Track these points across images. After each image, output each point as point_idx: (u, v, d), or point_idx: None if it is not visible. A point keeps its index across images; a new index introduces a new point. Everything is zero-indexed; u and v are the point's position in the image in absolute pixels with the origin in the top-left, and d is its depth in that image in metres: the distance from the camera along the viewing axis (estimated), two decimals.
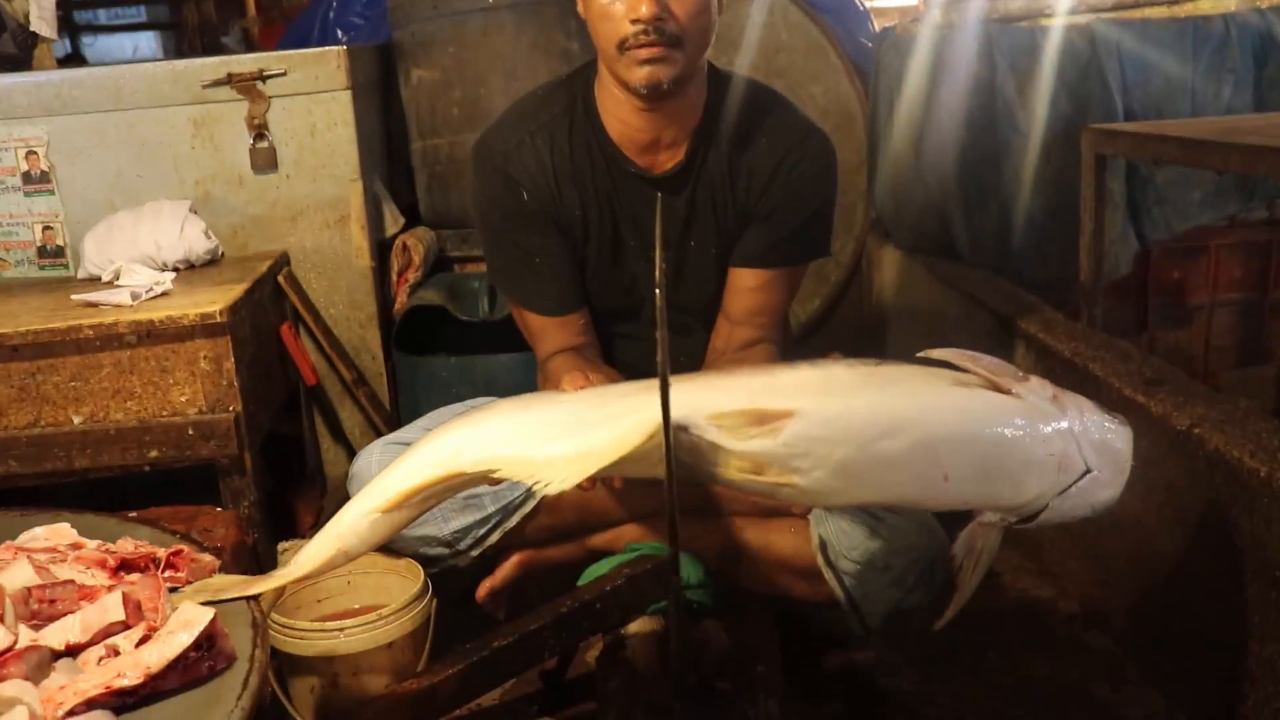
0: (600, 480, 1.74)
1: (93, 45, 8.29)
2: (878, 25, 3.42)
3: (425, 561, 1.58)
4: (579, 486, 1.13)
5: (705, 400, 1.10)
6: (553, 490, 1.09)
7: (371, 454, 1.71)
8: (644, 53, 1.43)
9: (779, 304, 1.66)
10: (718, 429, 1.07)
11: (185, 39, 7.49)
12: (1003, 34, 2.26)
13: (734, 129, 1.58)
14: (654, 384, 1.06)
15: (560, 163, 1.58)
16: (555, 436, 1.15)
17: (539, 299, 1.65)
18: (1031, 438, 1.10)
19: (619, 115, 1.55)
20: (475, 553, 1.67)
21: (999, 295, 2.10)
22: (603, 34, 1.47)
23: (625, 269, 1.66)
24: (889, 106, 2.60)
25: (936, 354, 1.14)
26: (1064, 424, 1.11)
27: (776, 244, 1.60)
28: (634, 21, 1.42)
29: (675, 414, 1.04)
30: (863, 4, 3.46)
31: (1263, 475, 1.25)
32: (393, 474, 1.22)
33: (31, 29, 2.48)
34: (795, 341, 2.26)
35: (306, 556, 1.25)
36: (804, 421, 1.06)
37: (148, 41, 8.89)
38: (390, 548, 1.65)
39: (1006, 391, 1.10)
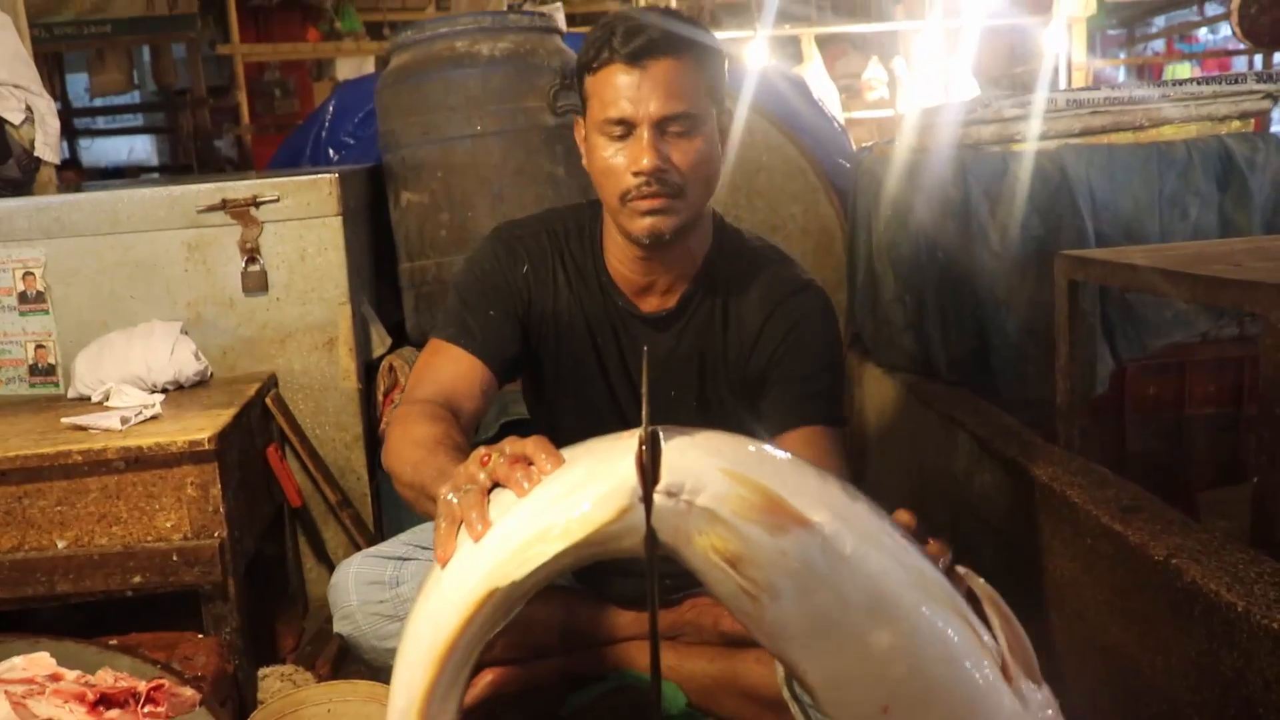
0: (571, 603, 1.75)
1: (89, 148, 8.45)
2: (854, 138, 3.54)
3: None
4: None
5: (712, 459, 0.94)
6: (516, 578, 0.94)
7: (350, 566, 1.71)
8: (645, 204, 1.44)
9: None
10: (716, 496, 0.92)
11: (179, 144, 7.65)
12: (975, 159, 2.34)
13: (729, 278, 1.59)
14: (631, 439, 0.94)
15: (565, 267, 1.61)
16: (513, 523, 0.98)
17: (465, 334, 1.55)
18: None
19: (618, 256, 1.58)
20: None
21: (977, 416, 2.13)
22: (606, 188, 1.48)
23: (598, 398, 1.65)
24: (866, 226, 2.66)
25: (975, 581, 1.01)
26: None
27: (797, 401, 1.55)
28: (636, 174, 1.42)
29: (671, 467, 0.92)
30: (840, 124, 3.58)
31: (1240, 609, 1.25)
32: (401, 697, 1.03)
33: (36, 154, 2.54)
34: None
35: None
36: (814, 540, 0.92)
37: (143, 144, 9.05)
38: (372, 672, 1.64)
39: (1008, 682, 0.96)
